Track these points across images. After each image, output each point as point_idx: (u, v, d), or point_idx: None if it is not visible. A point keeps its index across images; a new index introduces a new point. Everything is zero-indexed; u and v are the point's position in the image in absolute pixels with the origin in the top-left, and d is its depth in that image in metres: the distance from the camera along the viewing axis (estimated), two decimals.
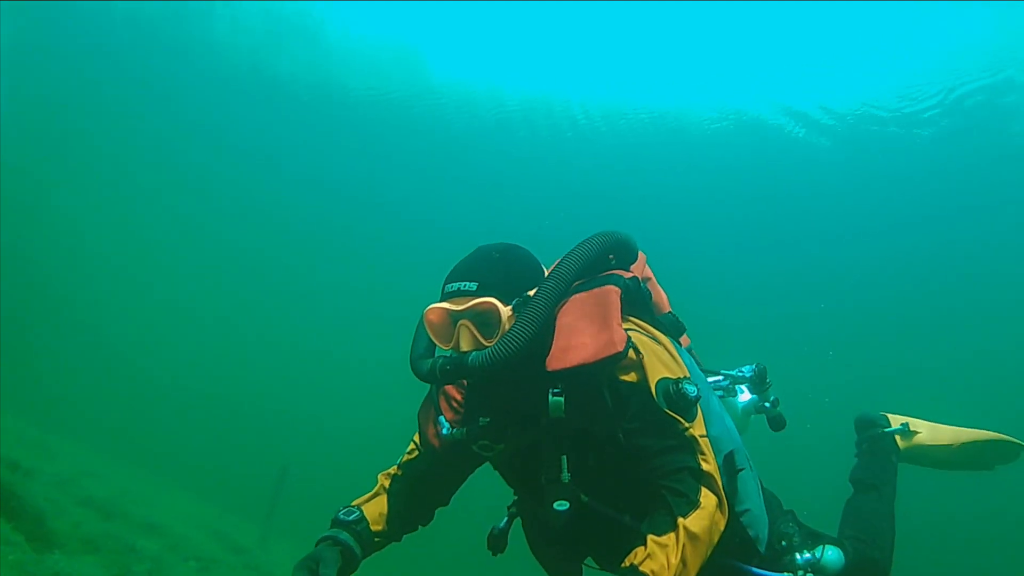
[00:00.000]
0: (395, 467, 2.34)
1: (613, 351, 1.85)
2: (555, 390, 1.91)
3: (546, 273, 2.07)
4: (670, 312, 2.36)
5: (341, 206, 21.52)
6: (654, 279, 2.42)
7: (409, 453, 2.32)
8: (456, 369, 1.92)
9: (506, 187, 18.32)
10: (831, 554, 2.37)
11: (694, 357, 2.56)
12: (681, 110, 14.72)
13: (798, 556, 2.30)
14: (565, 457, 1.99)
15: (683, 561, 1.68)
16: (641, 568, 1.65)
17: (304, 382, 23.85)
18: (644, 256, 2.38)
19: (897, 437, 2.89)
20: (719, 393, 2.55)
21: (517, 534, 2.26)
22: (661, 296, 2.42)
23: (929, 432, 2.93)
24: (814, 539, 2.41)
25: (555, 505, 2.01)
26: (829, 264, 18.15)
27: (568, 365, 1.88)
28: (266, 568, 8.49)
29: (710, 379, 2.54)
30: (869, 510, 2.70)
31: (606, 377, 1.91)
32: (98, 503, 7.56)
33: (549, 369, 1.90)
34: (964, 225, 15.95)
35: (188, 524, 9.27)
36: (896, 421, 2.93)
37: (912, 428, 2.90)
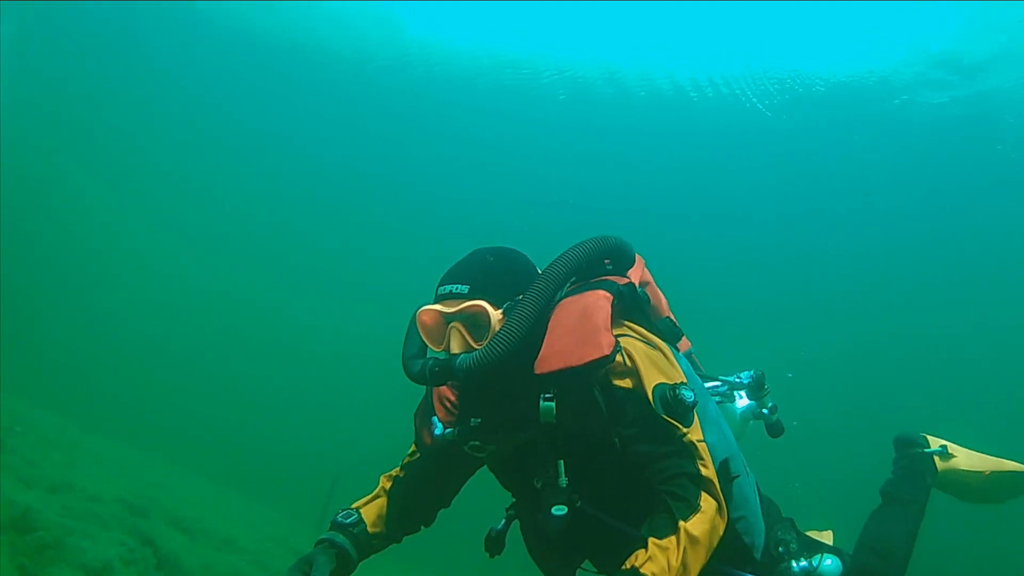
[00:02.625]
0: (398, 468, 2.38)
1: (599, 354, 1.86)
2: (547, 395, 1.93)
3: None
4: (667, 317, 2.37)
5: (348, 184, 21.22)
6: (653, 283, 2.43)
7: (411, 455, 2.36)
8: (444, 372, 1.95)
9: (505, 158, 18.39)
10: (828, 563, 2.37)
11: (695, 361, 2.60)
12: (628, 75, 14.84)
13: (794, 564, 2.29)
14: (562, 461, 2.00)
15: (683, 564, 1.68)
16: (642, 570, 1.65)
17: (341, 370, 23.74)
18: (642, 260, 2.39)
19: (936, 458, 2.86)
20: (717, 399, 2.55)
21: (515, 537, 2.26)
22: (660, 301, 2.43)
23: (965, 457, 2.90)
24: (812, 548, 2.40)
25: (553, 510, 1.99)
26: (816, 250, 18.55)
27: (554, 368, 1.89)
28: None
29: (708, 385, 2.56)
30: (890, 522, 2.69)
31: (598, 382, 1.92)
32: (183, 524, 7.93)
33: (536, 372, 1.91)
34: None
35: (251, 533, 9.68)
36: (935, 443, 2.90)
37: (950, 451, 2.88)
